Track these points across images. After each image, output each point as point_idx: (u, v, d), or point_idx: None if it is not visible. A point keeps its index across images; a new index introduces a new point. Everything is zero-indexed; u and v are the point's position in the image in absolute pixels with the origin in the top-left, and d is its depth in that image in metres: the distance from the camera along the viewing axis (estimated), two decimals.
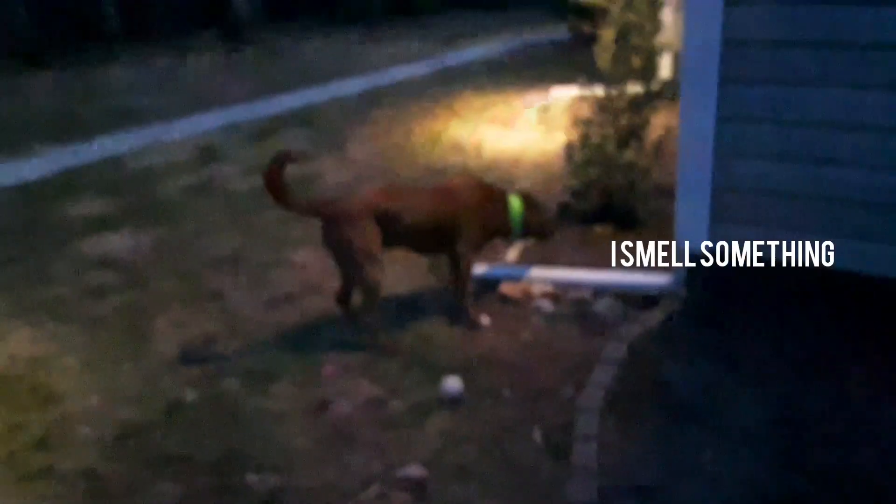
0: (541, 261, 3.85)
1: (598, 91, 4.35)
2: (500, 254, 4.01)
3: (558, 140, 5.04)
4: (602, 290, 3.47)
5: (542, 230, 3.66)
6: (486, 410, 2.77)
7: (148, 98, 10.50)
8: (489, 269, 3.80)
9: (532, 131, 6.76)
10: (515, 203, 3.51)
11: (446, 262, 3.52)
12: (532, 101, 8.02)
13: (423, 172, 5.71)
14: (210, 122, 8.34)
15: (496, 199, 3.49)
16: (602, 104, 4.32)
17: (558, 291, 3.52)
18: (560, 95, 7.93)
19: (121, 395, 3.05)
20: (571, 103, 7.29)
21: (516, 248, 4.06)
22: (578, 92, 4.58)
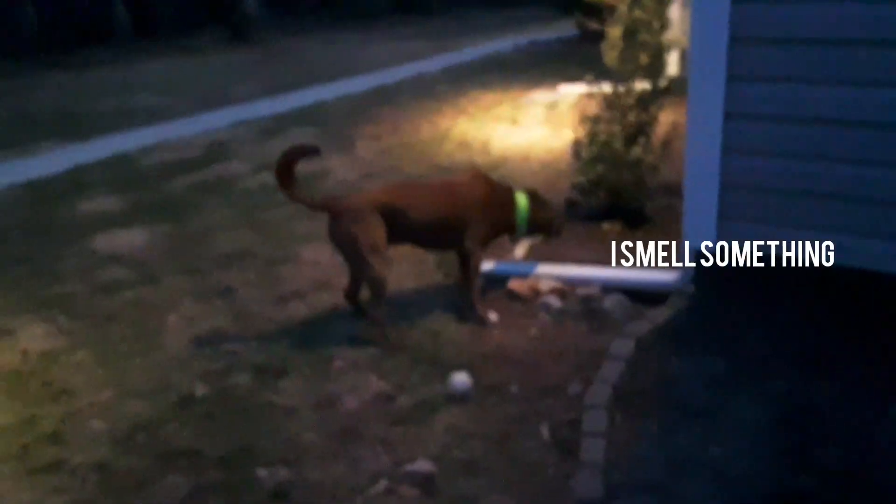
0: (549, 257, 3.85)
1: (606, 88, 4.35)
2: (508, 251, 4.02)
3: (566, 137, 5.04)
4: (610, 287, 3.47)
5: (548, 227, 3.65)
6: (493, 406, 2.78)
7: (156, 96, 10.55)
8: (497, 265, 3.81)
9: (540, 128, 6.76)
10: (522, 200, 3.52)
11: (454, 259, 3.53)
12: (540, 98, 8.01)
13: (430, 170, 5.72)
14: (218, 120, 8.38)
15: (502, 196, 3.49)
16: (610, 101, 4.32)
17: (566, 288, 3.52)
18: (568, 92, 7.93)
19: (132, 389, 3.08)
20: (579, 100, 7.30)
21: (524, 244, 4.06)
22: (586, 89, 4.58)
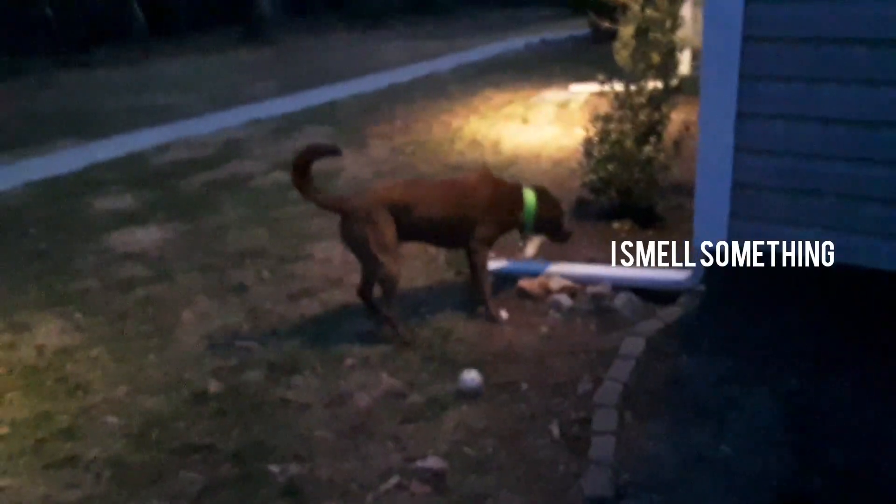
0: (559, 256, 3.86)
1: (618, 87, 4.35)
2: (519, 250, 4.02)
3: (577, 136, 5.03)
4: (620, 286, 3.47)
5: (556, 226, 3.63)
6: (503, 404, 2.79)
7: (172, 95, 10.65)
8: (508, 263, 3.81)
9: (551, 127, 6.75)
10: (530, 197, 3.51)
11: (465, 257, 3.54)
12: (551, 97, 8.00)
13: (442, 168, 5.73)
14: (232, 119, 8.44)
15: (510, 194, 3.50)
16: (621, 100, 4.32)
17: (577, 287, 3.53)
18: (579, 91, 7.91)
19: (146, 385, 3.12)
20: (590, 99, 7.29)
21: (534, 243, 4.07)
22: (597, 88, 4.57)
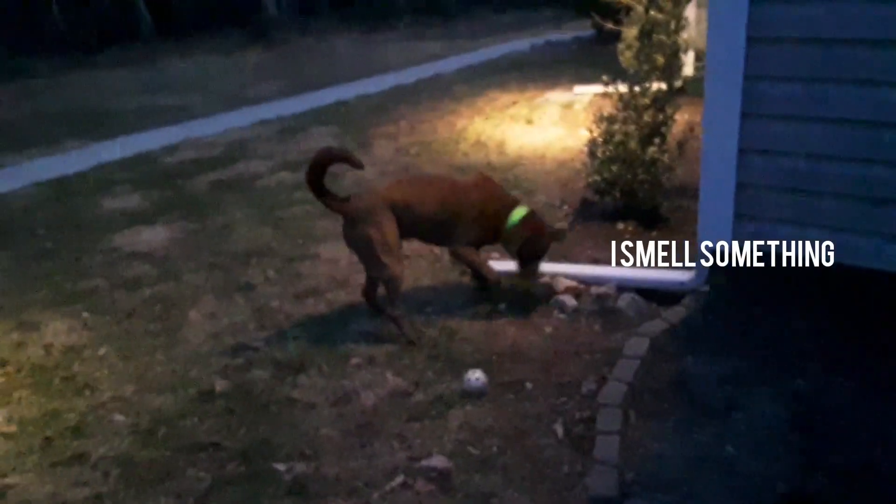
0: (564, 257, 3.87)
1: (622, 88, 4.36)
2: None
3: (581, 137, 5.04)
4: (625, 287, 3.48)
5: (527, 255, 3.41)
6: (508, 404, 2.80)
7: (178, 96, 10.69)
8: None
9: (555, 128, 6.76)
10: (517, 213, 3.41)
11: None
12: (555, 98, 8.01)
13: (446, 169, 5.74)
14: (239, 120, 8.47)
15: (499, 204, 3.44)
16: (625, 101, 4.32)
17: (581, 287, 3.54)
18: (583, 93, 7.92)
19: (153, 384, 3.14)
20: (594, 101, 7.29)
21: None
22: (602, 89, 4.58)
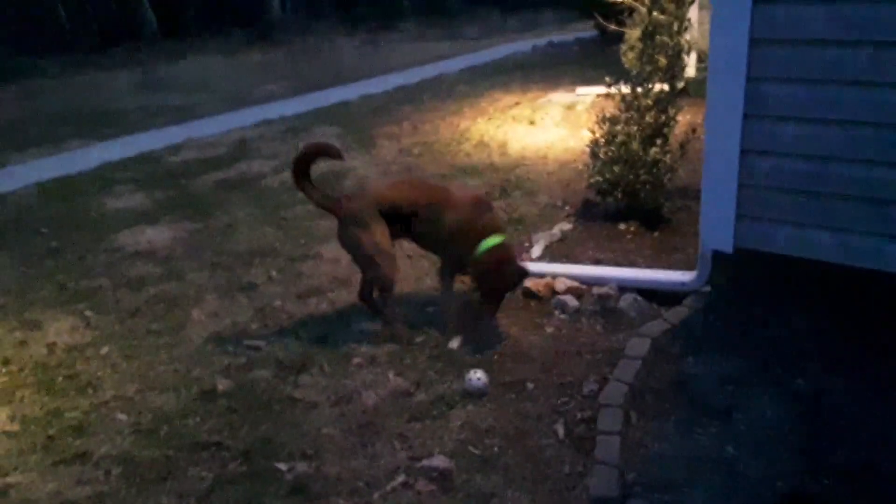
0: (565, 257, 3.87)
1: (624, 89, 4.36)
2: (524, 250, 4.04)
3: (584, 138, 5.04)
4: (626, 287, 3.49)
5: (487, 288, 3.20)
6: (509, 404, 2.81)
7: (183, 96, 10.72)
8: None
9: (557, 129, 6.76)
10: (489, 241, 3.18)
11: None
12: (558, 99, 8.02)
13: (449, 169, 5.75)
14: (243, 119, 8.49)
15: (479, 229, 3.19)
16: (628, 102, 4.33)
17: (582, 287, 3.54)
18: (586, 93, 7.93)
19: (156, 382, 3.16)
20: (597, 102, 7.30)
21: (540, 244, 4.09)
22: (604, 90, 4.58)
